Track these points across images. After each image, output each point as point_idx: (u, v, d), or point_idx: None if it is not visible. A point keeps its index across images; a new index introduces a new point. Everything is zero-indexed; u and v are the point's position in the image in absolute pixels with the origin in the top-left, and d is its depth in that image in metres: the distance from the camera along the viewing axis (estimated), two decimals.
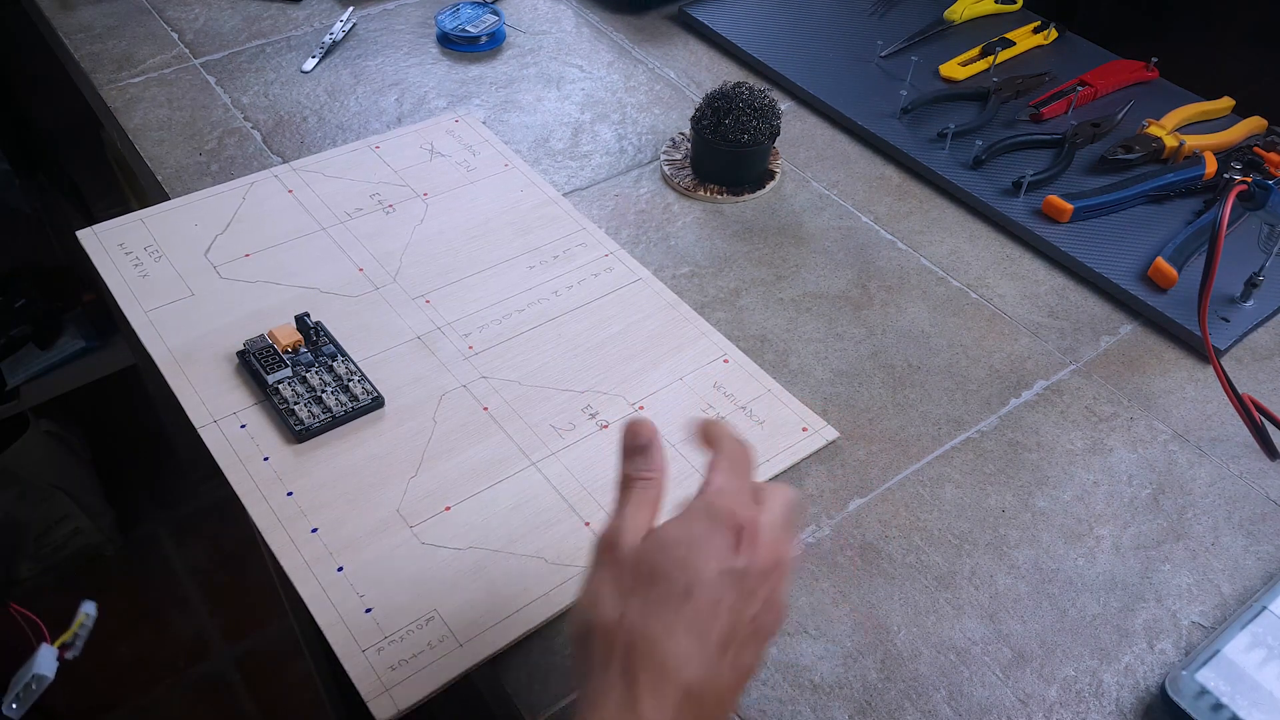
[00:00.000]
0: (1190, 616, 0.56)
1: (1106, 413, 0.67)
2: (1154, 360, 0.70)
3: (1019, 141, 0.85)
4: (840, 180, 0.84)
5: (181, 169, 0.80)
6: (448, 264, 0.73)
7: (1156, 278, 0.74)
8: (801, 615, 0.55)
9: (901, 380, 0.68)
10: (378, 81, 0.91)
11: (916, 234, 0.79)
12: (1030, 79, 0.92)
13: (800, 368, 0.68)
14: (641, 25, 1.01)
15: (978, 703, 0.52)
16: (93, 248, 0.72)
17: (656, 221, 0.79)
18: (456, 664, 0.51)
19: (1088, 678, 0.53)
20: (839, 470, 0.62)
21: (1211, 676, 0.51)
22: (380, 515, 0.57)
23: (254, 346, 0.64)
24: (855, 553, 0.58)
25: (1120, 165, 0.83)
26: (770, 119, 0.79)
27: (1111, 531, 0.60)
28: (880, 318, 0.72)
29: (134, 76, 0.90)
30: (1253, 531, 0.60)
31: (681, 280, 0.74)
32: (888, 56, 0.96)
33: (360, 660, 0.51)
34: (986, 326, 0.72)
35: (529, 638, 0.53)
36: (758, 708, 0.51)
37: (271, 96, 0.89)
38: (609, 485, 0.59)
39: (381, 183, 0.79)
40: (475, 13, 0.97)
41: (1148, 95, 0.92)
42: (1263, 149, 0.83)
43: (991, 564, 0.58)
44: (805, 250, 0.77)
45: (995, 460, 0.63)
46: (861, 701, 0.51)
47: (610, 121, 0.89)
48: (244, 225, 0.75)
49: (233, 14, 0.98)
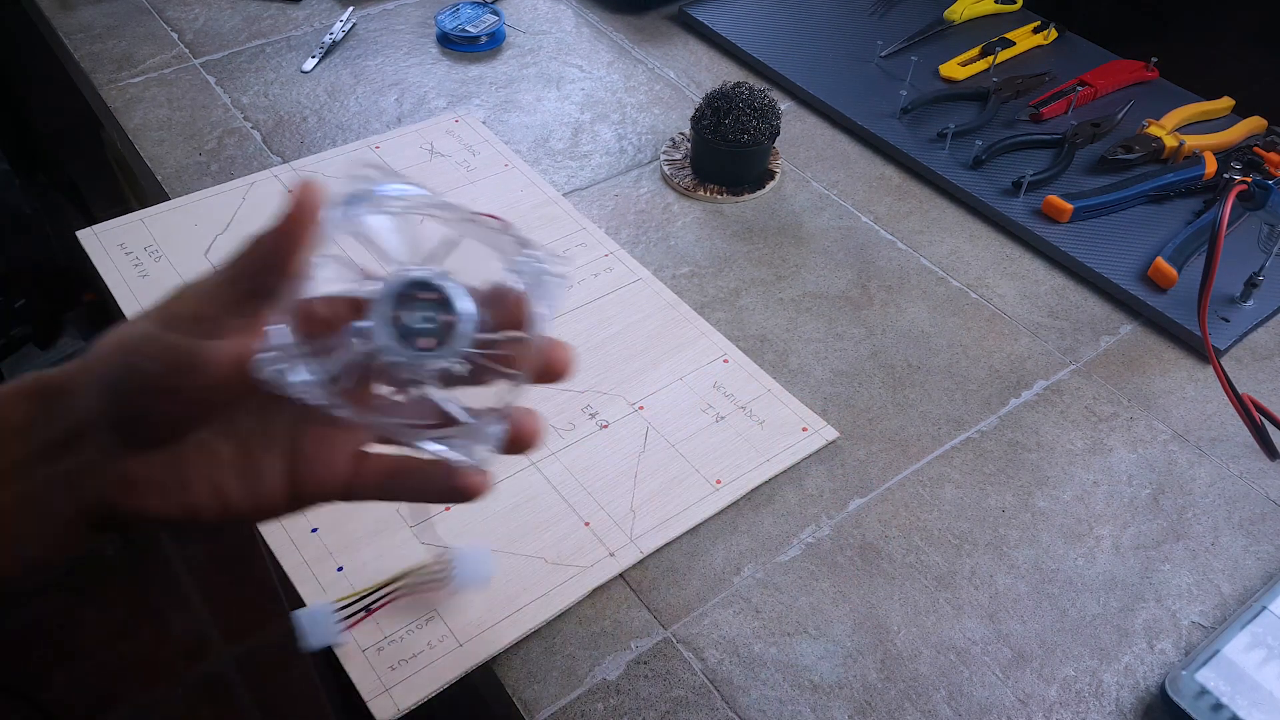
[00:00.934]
0: (1190, 616, 0.56)
1: (1106, 413, 0.67)
2: (1154, 360, 0.70)
3: (1019, 141, 0.85)
4: (840, 180, 0.84)
5: (181, 169, 0.80)
6: (447, 264, 0.73)
7: (1156, 278, 0.73)
8: (801, 615, 0.55)
9: (901, 380, 0.68)
10: (378, 81, 0.91)
11: (916, 234, 0.79)
12: (1030, 79, 0.92)
13: (800, 368, 0.68)
14: (641, 25, 1.01)
15: (978, 703, 0.52)
16: (93, 248, 0.72)
17: (656, 221, 0.79)
18: (456, 664, 0.51)
19: (1087, 678, 0.53)
20: (839, 470, 0.62)
21: (1211, 676, 0.51)
22: (380, 515, 0.57)
23: None
24: (855, 553, 0.58)
25: (1120, 165, 0.83)
26: (770, 119, 0.79)
27: (1111, 531, 0.60)
28: (880, 318, 0.72)
29: (134, 76, 0.90)
30: (1252, 531, 0.60)
31: (681, 280, 0.74)
32: (888, 56, 0.96)
33: (360, 660, 0.51)
34: (986, 326, 0.72)
35: (529, 638, 0.53)
36: (758, 708, 0.51)
37: (271, 96, 0.89)
38: (609, 485, 0.60)
39: None
40: (475, 13, 0.97)
41: (1147, 95, 0.92)
42: (1262, 149, 0.83)
43: (991, 564, 0.58)
44: (805, 250, 0.77)
45: (995, 460, 0.63)
46: (861, 702, 0.51)
47: (610, 121, 0.89)
48: (244, 225, 0.75)
49: (233, 14, 0.98)
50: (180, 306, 0.36)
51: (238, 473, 0.38)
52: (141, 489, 0.36)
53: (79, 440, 0.36)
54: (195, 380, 0.35)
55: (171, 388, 0.35)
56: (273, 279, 0.36)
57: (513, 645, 0.52)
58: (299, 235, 0.35)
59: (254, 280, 0.36)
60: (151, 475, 0.36)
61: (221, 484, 0.37)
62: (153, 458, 0.36)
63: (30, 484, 0.36)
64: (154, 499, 0.36)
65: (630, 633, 0.54)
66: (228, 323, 0.35)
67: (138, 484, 0.36)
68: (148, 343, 0.35)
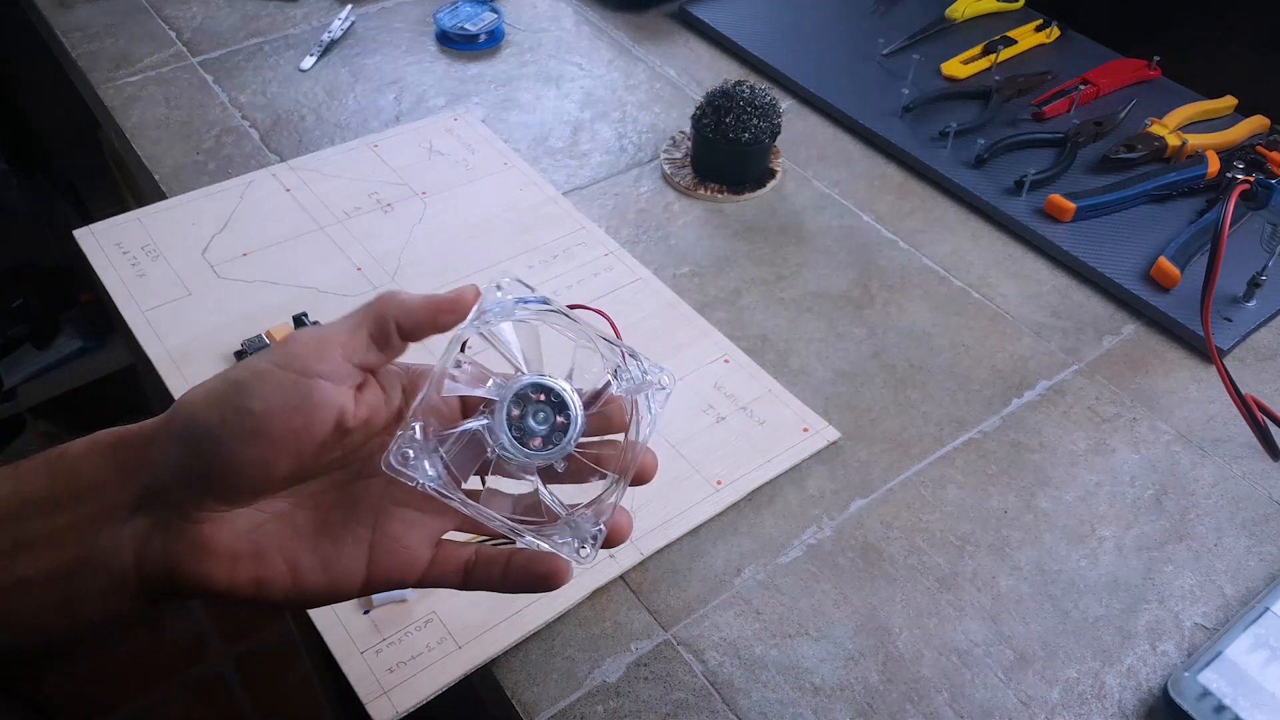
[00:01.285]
0: (1193, 618, 0.55)
1: (1109, 413, 0.66)
2: (1157, 360, 0.70)
3: (1021, 140, 0.85)
4: (842, 179, 0.84)
5: (179, 168, 0.80)
6: (447, 263, 0.73)
7: (1159, 277, 0.73)
8: (803, 617, 0.55)
9: (903, 380, 0.68)
10: (376, 80, 0.91)
11: (918, 233, 0.79)
12: (1032, 78, 0.92)
13: (801, 368, 0.68)
14: (642, 23, 1.01)
15: (980, 704, 0.51)
16: (90, 247, 0.72)
17: (657, 220, 0.79)
18: (455, 666, 0.51)
19: (1090, 679, 0.53)
20: (840, 471, 0.62)
21: (1214, 678, 0.51)
22: None
23: (252, 346, 0.64)
24: (857, 554, 0.58)
25: (1122, 164, 0.83)
26: (771, 117, 0.79)
27: (1114, 532, 0.59)
28: (882, 317, 0.72)
29: (131, 75, 0.89)
30: (1255, 532, 0.60)
31: (682, 280, 0.74)
32: (889, 55, 0.96)
33: (359, 662, 0.50)
34: (988, 326, 0.72)
35: (528, 640, 0.52)
36: (758, 710, 0.51)
37: (269, 95, 0.88)
38: None
39: (380, 182, 0.79)
40: (474, 10, 0.97)
41: (1150, 94, 0.92)
42: (1265, 148, 0.83)
43: (994, 565, 0.57)
44: (806, 249, 0.77)
45: (997, 461, 0.63)
46: (863, 704, 0.51)
47: (610, 120, 0.88)
48: (242, 224, 0.74)
49: (230, 12, 0.98)
50: (298, 348, 0.36)
51: (316, 548, 0.37)
52: (212, 555, 0.35)
53: (152, 500, 0.35)
54: (306, 419, 0.34)
55: (280, 427, 0.34)
56: (397, 337, 0.37)
57: (512, 647, 0.52)
58: (441, 318, 0.37)
59: (377, 328, 0.37)
60: (225, 541, 0.35)
61: (297, 559, 0.36)
62: (230, 523, 0.35)
63: (93, 546, 0.34)
64: (224, 567, 0.35)
65: (630, 634, 0.53)
66: (344, 369, 0.36)
67: (209, 549, 0.35)
68: (260, 377, 0.34)
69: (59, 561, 0.34)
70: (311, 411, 0.34)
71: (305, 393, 0.34)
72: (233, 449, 0.34)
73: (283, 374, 0.34)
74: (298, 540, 0.36)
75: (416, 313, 0.37)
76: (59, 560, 0.34)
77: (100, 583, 0.34)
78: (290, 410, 0.34)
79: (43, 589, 0.34)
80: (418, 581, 0.39)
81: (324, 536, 0.37)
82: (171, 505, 0.34)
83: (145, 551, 0.35)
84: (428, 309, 0.37)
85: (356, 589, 0.38)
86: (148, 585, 0.35)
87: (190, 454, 0.34)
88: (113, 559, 0.34)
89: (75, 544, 0.34)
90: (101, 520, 0.35)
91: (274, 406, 0.34)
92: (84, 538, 0.34)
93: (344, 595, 0.37)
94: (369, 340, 0.37)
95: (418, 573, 0.39)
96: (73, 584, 0.34)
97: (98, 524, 0.34)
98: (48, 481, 0.35)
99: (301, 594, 0.37)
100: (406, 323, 0.37)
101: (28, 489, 0.35)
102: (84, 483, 0.35)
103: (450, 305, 0.38)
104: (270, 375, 0.34)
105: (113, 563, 0.34)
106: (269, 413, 0.34)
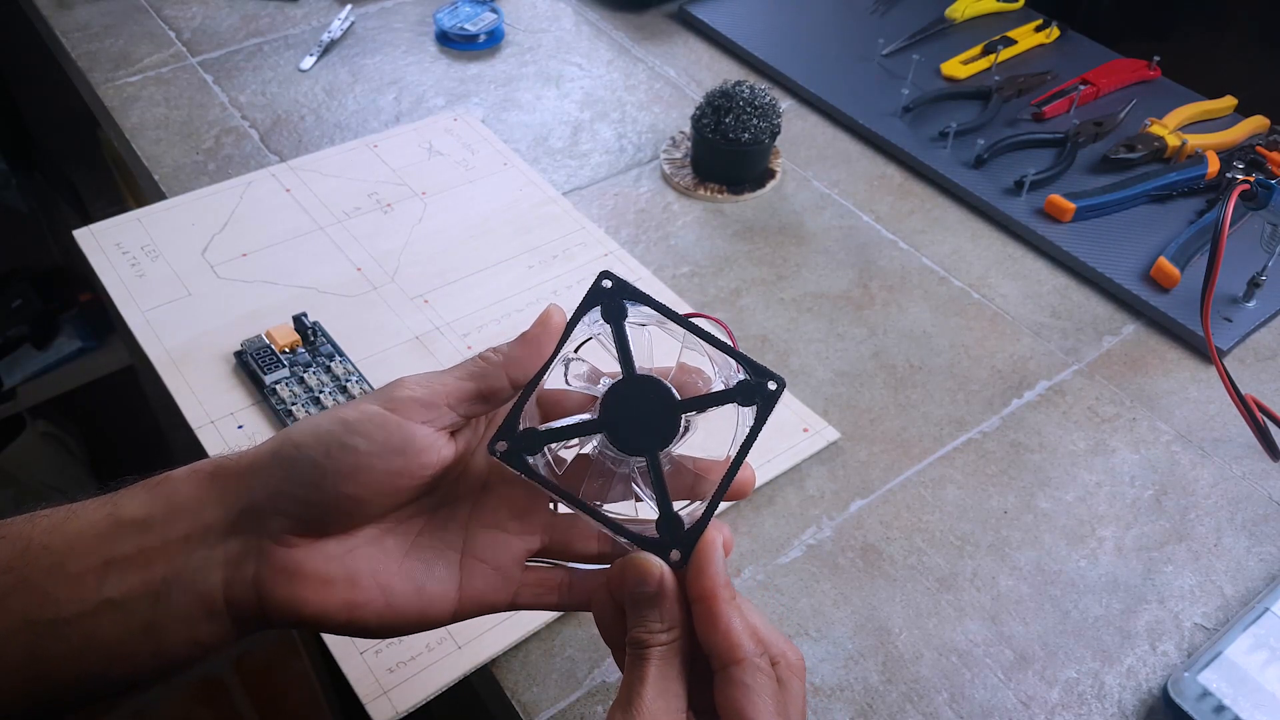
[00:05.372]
0: (1193, 618, 0.55)
1: (1109, 413, 0.66)
2: (1156, 360, 0.70)
3: (1021, 140, 0.85)
4: (841, 179, 0.84)
5: (178, 168, 0.80)
6: (446, 263, 0.73)
7: (1159, 277, 0.73)
8: (802, 617, 0.54)
9: (903, 380, 0.68)
10: (376, 80, 0.91)
11: (918, 233, 0.79)
12: (1032, 78, 0.92)
13: (801, 368, 0.68)
14: (641, 23, 1.01)
15: (980, 705, 0.51)
16: (89, 247, 0.72)
17: (656, 221, 0.79)
18: (455, 667, 0.50)
19: (1090, 679, 0.53)
20: (840, 471, 0.62)
21: (1214, 678, 0.51)
22: None
23: (251, 347, 0.64)
24: (856, 554, 0.58)
25: (1122, 164, 0.83)
26: (771, 117, 0.79)
27: (1114, 533, 0.59)
28: (882, 318, 0.72)
29: (131, 75, 0.89)
30: (1255, 533, 0.60)
31: (682, 280, 0.74)
32: (889, 55, 0.96)
33: (358, 662, 0.50)
34: (988, 326, 0.72)
35: (528, 640, 0.52)
36: None
37: (269, 95, 0.88)
38: None
39: (380, 182, 0.79)
40: (474, 10, 0.97)
41: (1150, 94, 0.92)
42: (1265, 148, 0.83)
43: (993, 565, 0.57)
44: (806, 250, 0.77)
45: (997, 461, 0.63)
46: (863, 704, 0.51)
47: (610, 120, 0.88)
48: (241, 225, 0.74)
49: (230, 12, 0.98)
50: (406, 393, 0.37)
51: (407, 572, 0.37)
52: (304, 579, 0.35)
53: (247, 523, 0.35)
54: (406, 463, 0.35)
55: (380, 467, 0.35)
56: (502, 388, 0.37)
57: (512, 647, 0.52)
58: (534, 355, 0.37)
59: (485, 384, 0.37)
60: (317, 565, 0.35)
61: (390, 583, 0.37)
62: (322, 548, 0.36)
63: (183, 567, 0.35)
64: (316, 592, 0.35)
65: None
66: (449, 416, 0.37)
67: (301, 572, 0.35)
68: (368, 418, 0.36)
69: (147, 581, 0.34)
70: (412, 456, 0.36)
71: (408, 437, 0.36)
72: (333, 483, 0.35)
73: (389, 417, 0.36)
74: (388, 564, 0.37)
75: (522, 360, 0.38)
76: (147, 580, 0.34)
77: (187, 605, 0.35)
78: (391, 453, 0.35)
79: (129, 611, 0.34)
80: (510, 603, 0.39)
81: (414, 560, 0.38)
82: (265, 530, 0.35)
83: (236, 574, 0.35)
84: (527, 348, 0.38)
85: (449, 613, 0.38)
86: (235, 610, 0.35)
87: (291, 482, 0.35)
88: (201, 580, 0.35)
89: (165, 563, 0.35)
90: (195, 541, 0.35)
91: (377, 448, 0.35)
92: (174, 557, 0.35)
93: (436, 619, 0.38)
94: (475, 393, 0.37)
95: (510, 594, 0.39)
96: (159, 606, 0.35)
97: (190, 544, 0.35)
98: (144, 503, 0.36)
99: (395, 618, 0.37)
100: (516, 373, 0.38)
101: (124, 511, 0.35)
102: (180, 504, 0.35)
103: (535, 337, 0.38)
104: (377, 418, 0.36)
105: (201, 584, 0.35)
106: (371, 453, 0.35)
